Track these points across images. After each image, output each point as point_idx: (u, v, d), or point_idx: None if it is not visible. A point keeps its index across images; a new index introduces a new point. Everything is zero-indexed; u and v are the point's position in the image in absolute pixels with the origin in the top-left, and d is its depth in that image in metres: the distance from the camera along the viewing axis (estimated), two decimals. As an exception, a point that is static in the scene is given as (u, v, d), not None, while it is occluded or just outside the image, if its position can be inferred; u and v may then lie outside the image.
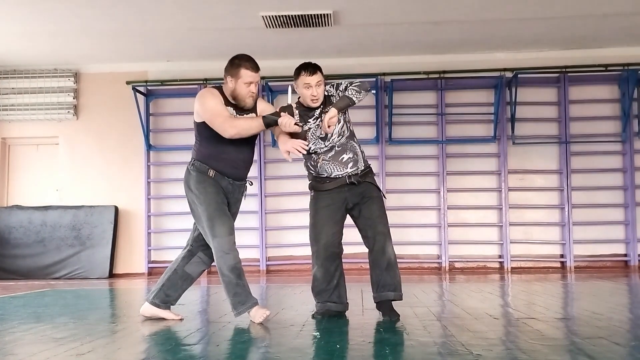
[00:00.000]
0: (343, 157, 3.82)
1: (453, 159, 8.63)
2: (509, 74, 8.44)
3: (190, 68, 8.77)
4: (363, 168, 3.88)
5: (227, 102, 3.80)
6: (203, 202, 3.70)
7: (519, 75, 8.29)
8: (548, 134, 8.60)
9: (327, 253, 3.84)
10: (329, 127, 3.63)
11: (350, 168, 3.83)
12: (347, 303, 3.94)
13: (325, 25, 7.32)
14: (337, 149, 3.83)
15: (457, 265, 8.55)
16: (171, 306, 3.93)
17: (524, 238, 8.51)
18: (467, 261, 8.56)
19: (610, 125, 8.53)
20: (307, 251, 9.20)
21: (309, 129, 3.83)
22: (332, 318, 3.82)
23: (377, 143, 8.57)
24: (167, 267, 3.96)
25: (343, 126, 3.84)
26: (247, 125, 3.70)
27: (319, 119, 3.80)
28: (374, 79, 8.47)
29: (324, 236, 3.84)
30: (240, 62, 3.85)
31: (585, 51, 8.47)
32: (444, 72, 8.54)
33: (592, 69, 8.39)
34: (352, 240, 8.95)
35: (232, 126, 3.66)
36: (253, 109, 3.89)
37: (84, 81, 9.03)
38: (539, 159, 8.58)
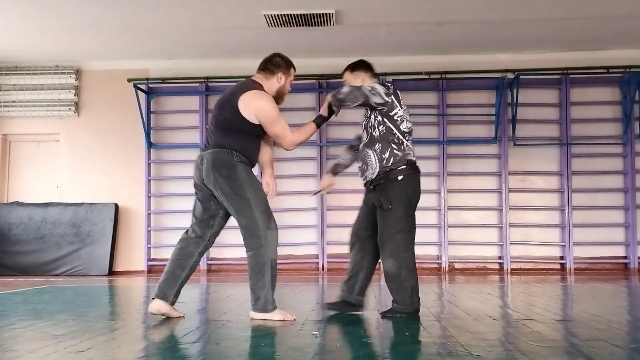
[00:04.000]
0: (359, 164, 3.97)
1: (454, 159, 8.63)
2: (510, 75, 8.44)
3: (192, 66, 8.78)
4: (375, 177, 3.81)
5: None
6: (255, 192, 3.69)
7: (521, 77, 8.29)
8: (549, 135, 8.60)
9: (352, 240, 4.00)
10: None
11: (360, 177, 3.93)
12: (361, 299, 3.98)
13: (328, 24, 7.32)
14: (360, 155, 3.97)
15: (457, 266, 8.55)
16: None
17: (524, 239, 8.51)
18: (467, 262, 8.56)
19: (611, 127, 8.53)
20: (307, 250, 9.28)
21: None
22: (331, 317, 3.81)
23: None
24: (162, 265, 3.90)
25: (365, 133, 3.91)
26: (306, 136, 3.90)
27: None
28: (376, 79, 8.45)
29: (354, 225, 4.04)
30: (290, 61, 4.01)
31: (587, 53, 8.47)
32: (446, 72, 8.54)
33: (594, 70, 8.38)
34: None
35: (296, 137, 3.84)
36: None
37: (86, 78, 9.03)
38: (540, 161, 8.58)
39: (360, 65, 3.99)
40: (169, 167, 8.85)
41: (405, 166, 3.78)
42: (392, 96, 3.79)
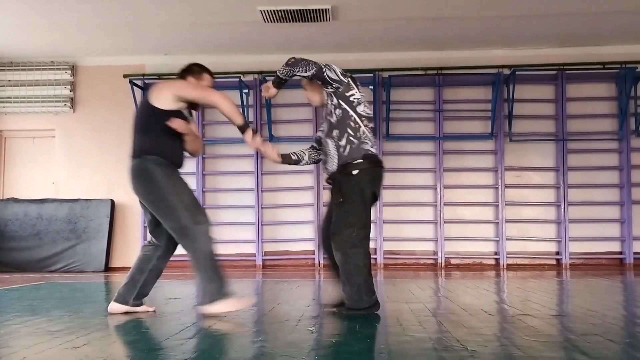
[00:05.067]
0: (323, 158, 3.89)
1: (450, 155, 8.64)
2: (506, 71, 8.45)
3: (187, 62, 8.68)
4: (335, 168, 3.72)
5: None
6: (175, 192, 3.68)
7: (517, 72, 8.30)
8: (545, 131, 8.61)
9: (323, 242, 3.91)
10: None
11: (324, 170, 3.89)
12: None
13: (324, 20, 7.31)
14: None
15: (453, 261, 8.57)
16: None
17: (520, 235, 8.53)
18: (463, 257, 8.57)
19: (607, 123, 8.55)
20: (304, 246, 9.29)
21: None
22: (330, 314, 3.82)
23: (375, 139, 8.55)
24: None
25: (325, 123, 3.84)
26: (233, 112, 3.74)
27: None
28: (372, 75, 8.47)
29: (322, 223, 3.96)
30: (204, 67, 4.01)
31: (583, 49, 8.48)
32: (442, 68, 8.54)
33: (590, 66, 8.39)
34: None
35: (224, 96, 3.76)
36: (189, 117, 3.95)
37: (81, 74, 9.01)
38: (536, 156, 8.60)
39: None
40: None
41: (362, 160, 3.65)
42: (349, 78, 3.73)
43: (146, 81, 8.71)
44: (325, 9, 6.99)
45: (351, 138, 3.66)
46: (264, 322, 3.55)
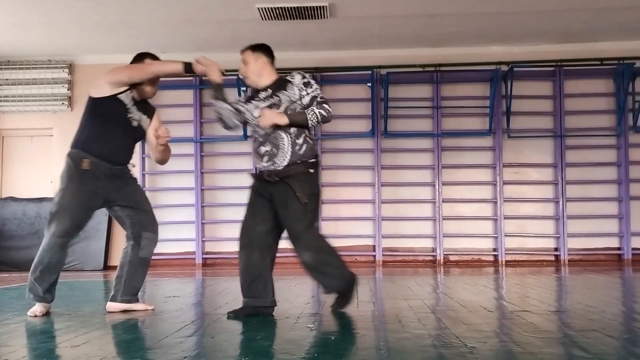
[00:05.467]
0: (261, 149, 3.62)
1: (448, 152, 8.64)
2: (504, 68, 8.44)
3: (185, 60, 8.70)
4: (286, 165, 3.52)
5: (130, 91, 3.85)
6: (60, 194, 3.77)
7: (515, 69, 8.30)
8: (543, 127, 8.61)
9: (247, 240, 3.66)
10: (265, 123, 3.52)
11: (265, 162, 3.59)
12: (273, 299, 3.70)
13: (321, 17, 7.30)
14: (259, 139, 3.65)
15: (451, 258, 8.58)
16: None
17: (519, 231, 8.54)
18: (462, 254, 8.58)
19: (605, 119, 8.55)
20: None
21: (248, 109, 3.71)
22: (329, 311, 3.82)
23: (373, 136, 8.57)
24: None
25: (273, 108, 3.58)
26: (161, 66, 3.82)
27: (261, 101, 3.65)
28: (370, 72, 8.46)
29: (245, 221, 3.70)
30: (144, 54, 3.97)
31: (581, 45, 8.48)
32: (440, 65, 8.54)
33: (588, 62, 8.40)
34: (347, 233, 8.96)
35: (146, 67, 3.79)
36: (147, 110, 3.97)
37: (79, 72, 8.99)
38: (534, 153, 8.61)
39: (263, 49, 3.85)
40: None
41: (314, 159, 3.64)
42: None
43: (144, 79, 8.69)
44: (323, 6, 6.98)
45: (308, 138, 3.64)
46: (263, 319, 3.55)
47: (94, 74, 8.80)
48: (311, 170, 3.61)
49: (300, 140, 3.58)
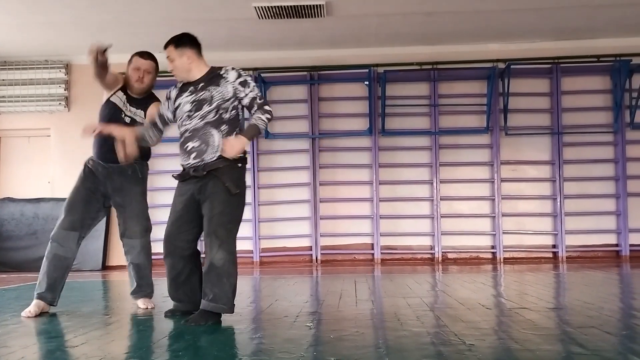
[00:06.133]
0: (188, 145, 3.48)
1: (446, 150, 8.65)
2: (501, 65, 8.45)
3: (182, 59, 8.71)
4: (214, 159, 3.41)
5: (124, 90, 4.13)
6: (71, 190, 4.11)
7: (512, 66, 8.30)
8: (540, 124, 8.62)
9: (169, 248, 3.57)
10: (230, 154, 3.39)
11: (192, 159, 3.46)
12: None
13: (318, 16, 7.29)
14: (187, 134, 3.49)
15: (450, 255, 8.58)
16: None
17: (517, 229, 8.55)
18: (460, 252, 8.59)
19: (602, 116, 8.56)
20: (301, 242, 9.28)
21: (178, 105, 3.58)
22: (328, 309, 3.82)
23: (371, 134, 8.57)
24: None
25: (212, 112, 3.45)
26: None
27: (192, 95, 3.52)
28: (367, 70, 8.46)
29: (168, 228, 3.60)
30: (134, 53, 4.20)
31: (578, 42, 8.47)
32: (437, 63, 8.54)
33: (584, 59, 8.40)
34: (345, 231, 8.95)
35: None
36: (145, 104, 4.08)
37: (76, 72, 8.96)
38: (532, 150, 8.61)
39: (187, 41, 3.67)
40: (159, 161, 8.80)
41: (242, 154, 3.49)
42: None
43: (141, 79, 8.67)
44: (320, 5, 6.97)
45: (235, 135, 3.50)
46: (262, 318, 3.56)
47: (91, 74, 8.85)
48: (239, 165, 3.48)
49: (230, 138, 3.46)
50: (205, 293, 3.35)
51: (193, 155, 3.45)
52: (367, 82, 8.52)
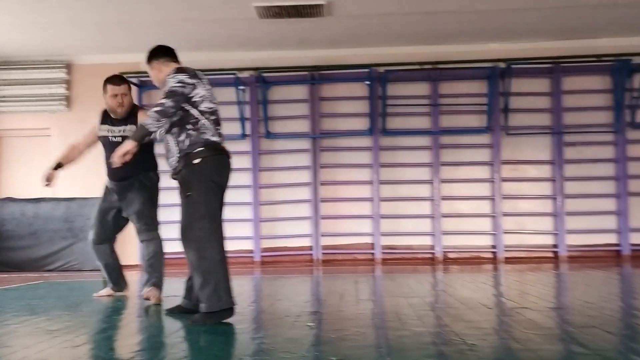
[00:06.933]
0: (164, 153, 3.66)
1: (446, 149, 8.65)
2: (502, 65, 8.45)
3: (183, 59, 8.56)
4: (176, 163, 3.53)
5: (107, 116, 4.66)
6: None
7: (512, 66, 8.30)
8: (541, 124, 8.61)
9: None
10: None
11: (168, 166, 3.64)
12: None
13: (319, 15, 7.29)
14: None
15: (450, 255, 8.58)
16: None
17: (517, 228, 8.54)
18: (461, 251, 8.59)
19: (603, 115, 8.55)
20: (302, 242, 9.26)
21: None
22: (329, 309, 3.83)
23: (371, 134, 8.57)
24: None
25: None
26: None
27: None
28: (368, 70, 8.46)
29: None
30: (105, 80, 4.66)
31: (578, 42, 8.47)
32: (438, 62, 8.53)
33: (585, 59, 8.40)
34: (347, 231, 8.94)
35: None
36: (130, 118, 4.56)
37: (76, 72, 8.96)
38: (532, 150, 8.61)
39: (155, 55, 3.82)
40: (160, 161, 8.82)
41: (203, 148, 3.45)
42: (196, 79, 3.58)
43: (141, 79, 8.68)
44: (320, 5, 6.97)
45: (190, 131, 3.50)
46: (263, 318, 3.56)
47: (92, 73, 8.87)
48: (195, 161, 3.44)
49: (182, 137, 3.48)
50: (201, 297, 3.37)
51: (166, 162, 3.67)
52: (367, 82, 8.52)
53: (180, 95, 3.45)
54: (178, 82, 3.48)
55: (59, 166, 4.67)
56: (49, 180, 4.57)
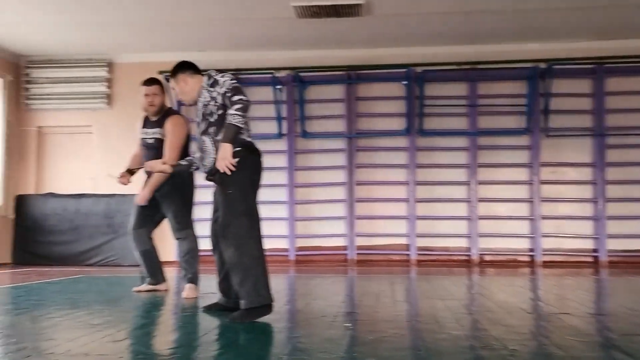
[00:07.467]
0: (198, 155, 3.74)
1: (484, 151, 8.54)
2: (542, 65, 8.30)
3: (222, 58, 8.79)
4: (213, 162, 3.53)
5: (146, 119, 4.84)
6: None
7: (553, 67, 8.15)
8: (582, 126, 8.44)
9: (212, 242, 3.75)
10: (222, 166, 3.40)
11: (202, 167, 3.70)
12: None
13: (357, 15, 7.28)
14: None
15: (487, 258, 8.48)
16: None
17: (556, 232, 8.39)
18: (497, 254, 8.47)
19: (647, 117, 8.34)
20: (336, 242, 9.25)
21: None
22: (365, 310, 3.82)
23: (408, 134, 8.52)
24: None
25: (201, 122, 3.64)
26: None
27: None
28: (405, 70, 8.41)
29: (211, 225, 3.79)
30: (141, 83, 4.85)
31: (622, 42, 8.27)
32: (476, 63, 8.43)
33: (629, 60, 8.19)
34: (382, 231, 8.91)
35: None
36: (159, 121, 4.72)
37: (117, 71, 9.14)
38: (573, 152, 8.44)
39: (181, 68, 3.87)
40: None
41: (240, 148, 3.47)
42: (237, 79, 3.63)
43: (180, 78, 8.78)
44: (359, 4, 6.96)
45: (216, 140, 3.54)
46: (300, 317, 3.57)
47: (132, 72, 9.02)
48: (237, 159, 3.44)
49: (219, 137, 3.48)
50: (241, 296, 3.41)
51: (201, 164, 3.70)
52: (405, 82, 8.47)
53: (245, 96, 3.47)
54: (232, 80, 3.55)
55: (130, 172, 4.79)
56: (123, 183, 4.72)
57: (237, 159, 3.44)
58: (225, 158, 3.37)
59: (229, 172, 3.40)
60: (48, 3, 7.05)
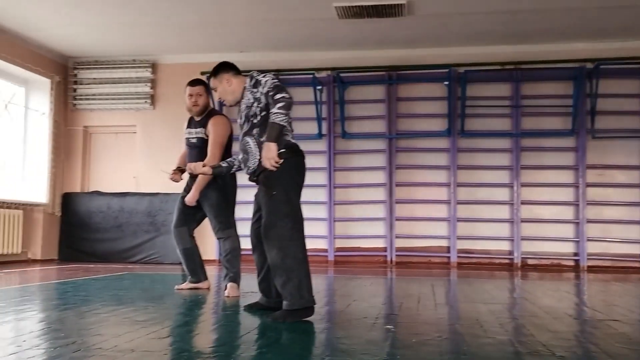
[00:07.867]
0: (241, 158, 3.75)
1: (528, 152, 8.39)
2: (589, 65, 8.10)
3: (263, 59, 8.86)
4: (257, 165, 3.54)
5: (191, 119, 4.97)
6: None
7: (601, 66, 7.95)
8: (630, 127, 8.21)
9: (252, 242, 3.76)
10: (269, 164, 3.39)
11: (244, 167, 3.74)
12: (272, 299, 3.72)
13: (399, 15, 7.24)
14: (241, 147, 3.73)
15: (529, 262, 8.32)
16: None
17: (602, 236, 8.19)
18: (541, 258, 8.31)
19: (700, 119, 8.06)
20: (375, 243, 9.22)
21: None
22: (406, 312, 3.78)
23: (449, 135, 8.43)
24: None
25: (244, 124, 3.66)
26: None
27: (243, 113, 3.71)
28: (447, 70, 8.32)
29: (251, 225, 3.80)
30: (187, 84, 4.94)
31: (674, 41, 8.02)
32: (520, 63, 8.29)
33: (681, 59, 7.94)
34: (422, 233, 8.84)
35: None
36: (203, 121, 4.83)
37: (161, 72, 9.29)
38: (620, 154, 8.23)
39: (224, 68, 3.94)
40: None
41: (284, 149, 3.45)
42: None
43: (222, 78, 8.88)
44: (401, 4, 6.91)
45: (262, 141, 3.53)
46: (341, 318, 3.55)
47: (175, 73, 9.17)
48: (281, 161, 3.43)
49: (264, 138, 3.47)
50: (283, 297, 3.42)
51: (243, 165, 3.73)
52: (446, 82, 8.38)
53: (286, 90, 3.48)
54: (274, 79, 3.56)
55: (180, 170, 4.90)
56: (175, 180, 4.87)
57: (281, 161, 3.44)
58: (270, 157, 3.37)
59: (274, 170, 3.41)
60: (94, 5, 7.21)
